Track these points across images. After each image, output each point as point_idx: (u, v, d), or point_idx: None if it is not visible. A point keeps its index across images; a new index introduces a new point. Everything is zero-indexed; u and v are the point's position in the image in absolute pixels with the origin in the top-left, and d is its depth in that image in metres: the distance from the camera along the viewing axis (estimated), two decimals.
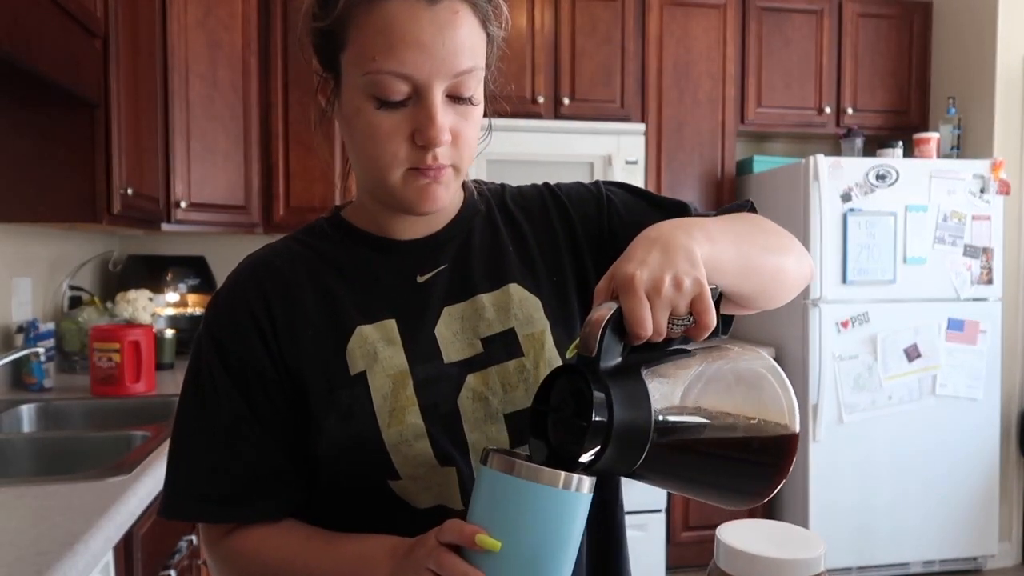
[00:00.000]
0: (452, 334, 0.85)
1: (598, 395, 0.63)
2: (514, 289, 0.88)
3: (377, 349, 0.83)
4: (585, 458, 0.64)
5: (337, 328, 0.84)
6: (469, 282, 0.88)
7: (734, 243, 0.77)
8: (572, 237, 0.92)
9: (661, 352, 0.70)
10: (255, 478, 0.83)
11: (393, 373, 0.82)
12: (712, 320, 0.68)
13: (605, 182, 0.98)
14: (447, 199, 0.83)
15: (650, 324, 0.65)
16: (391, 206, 0.85)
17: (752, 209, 0.93)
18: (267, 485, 0.84)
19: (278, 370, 0.84)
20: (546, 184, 0.98)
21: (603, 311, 0.66)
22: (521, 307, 0.87)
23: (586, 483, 0.65)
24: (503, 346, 0.85)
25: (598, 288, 0.70)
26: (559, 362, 0.85)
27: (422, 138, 0.77)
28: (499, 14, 0.82)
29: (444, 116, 0.77)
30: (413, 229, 0.89)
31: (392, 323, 0.84)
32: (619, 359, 0.67)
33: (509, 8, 0.85)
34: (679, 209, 0.93)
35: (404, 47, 0.74)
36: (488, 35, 0.81)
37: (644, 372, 0.67)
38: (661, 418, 0.66)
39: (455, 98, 0.78)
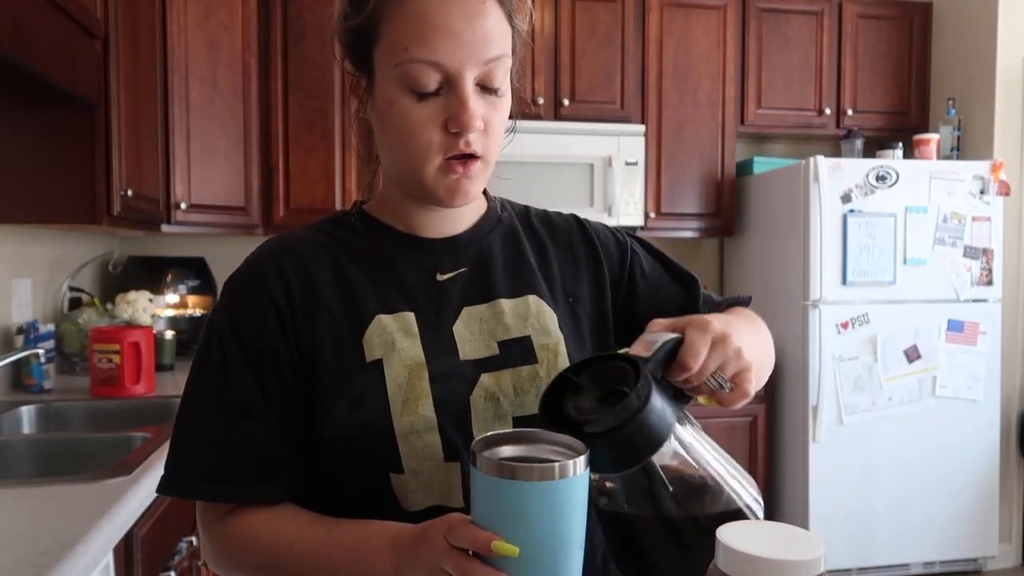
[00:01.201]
0: (470, 333, 0.87)
1: (644, 381, 0.66)
2: (533, 300, 0.90)
3: (395, 339, 0.84)
4: (596, 429, 0.65)
5: (355, 315, 0.85)
6: (490, 287, 0.90)
7: (755, 346, 0.86)
8: (596, 267, 0.97)
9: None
10: (258, 460, 0.83)
11: (409, 364, 0.83)
12: (750, 392, 0.75)
13: (628, 233, 1.04)
14: (476, 193, 0.85)
15: (702, 360, 0.70)
16: (420, 199, 0.87)
17: (748, 303, 1.04)
18: (269, 469, 0.83)
19: (292, 353, 0.84)
20: (573, 215, 1.02)
21: (667, 334, 0.71)
22: (538, 318, 0.89)
23: (581, 462, 0.64)
24: (519, 351, 0.87)
25: (655, 320, 0.75)
26: None
27: (455, 124, 0.79)
28: (523, 8, 0.85)
29: (475, 103, 0.79)
30: (435, 228, 0.91)
31: (411, 315, 0.86)
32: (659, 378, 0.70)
33: None
34: (690, 280, 1.01)
35: (435, 35, 0.77)
36: (513, 28, 0.83)
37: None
38: (676, 445, 0.68)
39: (484, 88, 0.81)
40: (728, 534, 0.59)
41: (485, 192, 0.99)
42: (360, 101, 0.87)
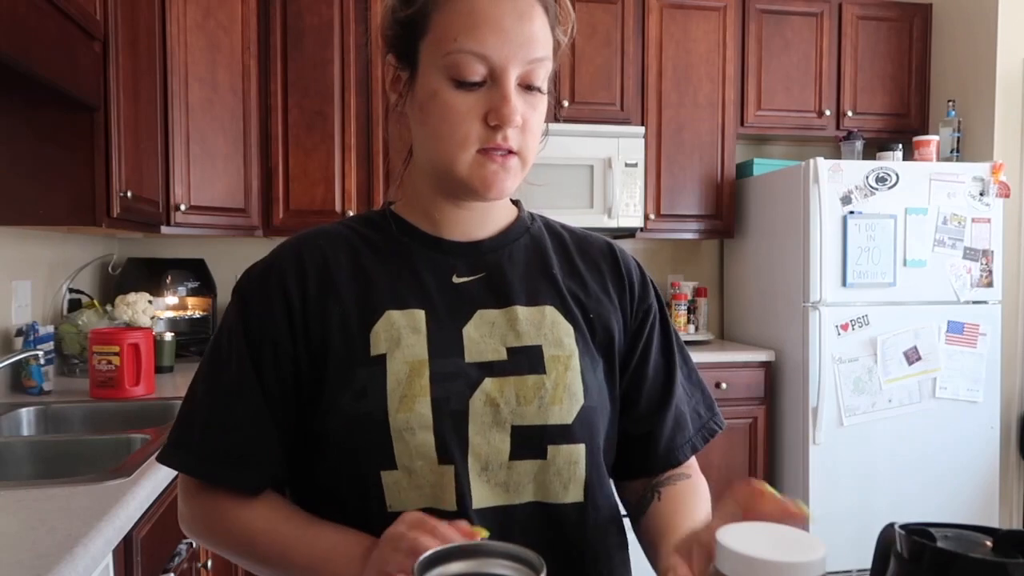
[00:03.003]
0: (480, 336, 0.87)
1: None
2: (549, 311, 0.90)
3: (401, 335, 0.84)
4: None
5: (367, 309, 0.86)
6: (507, 293, 0.90)
7: None
8: (620, 293, 0.96)
9: None
10: (241, 443, 0.85)
11: (412, 360, 0.83)
12: None
13: (655, 287, 1.02)
14: (511, 188, 0.86)
15: None
16: (453, 194, 0.88)
17: (716, 432, 1.01)
18: (251, 454, 0.86)
19: (296, 345, 0.86)
20: (608, 241, 1.02)
21: None
22: (552, 329, 0.89)
23: None
24: (527, 360, 0.86)
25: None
26: (579, 386, 0.87)
27: (496, 117, 0.81)
28: (566, 21, 0.88)
29: (516, 99, 0.81)
30: (461, 230, 0.92)
31: (421, 313, 0.86)
32: None
33: None
34: (673, 357, 0.99)
35: (486, 29, 0.80)
36: (555, 39, 0.87)
37: None
38: None
39: (525, 87, 0.83)
40: (728, 536, 0.58)
41: (518, 204, 1.00)
42: (399, 95, 0.89)
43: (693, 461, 0.99)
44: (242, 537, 0.85)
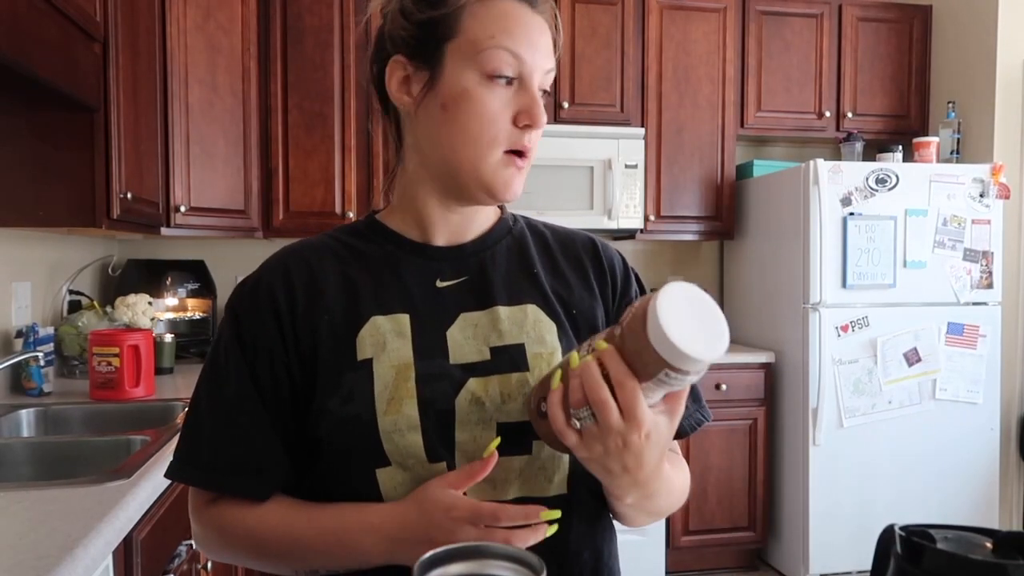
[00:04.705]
0: (464, 338, 0.88)
1: None
2: (531, 310, 0.92)
3: (387, 339, 0.86)
4: None
5: (353, 315, 0.88)
6: (489, 295, 0.92)
7: (663, 498, 0.86)
8: (602, 288, 0.98)
9: None
10: (247, 452, 0.87)
11: (397, 364, 0.85)
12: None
13: (639, 280, 1.04)
14: (521, 189, 0.89)
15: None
16: (461, 194, 0.90)
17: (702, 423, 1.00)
18: (256, 462, 0.88)
19: (289, 353, 0.87)
20: (591, 236, 1.04)
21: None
22: (535, 327, 0.90)
23: None
24: (510, 358, 0.88)
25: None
26: None
27: (528, 117, 0.85)
28: (558, 43, 0.92)
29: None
30: (447, 235, 0.94)
31: (405, 318, 0.88)
32: None
33: None
34: None
35: (519, 34, 0.85)
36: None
37: None
38: None
39: (541, 92, 0.87)
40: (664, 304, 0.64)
41: (501, 206, 1.01)
42: (412, 99, 0.88)
43: (675, 445, 0.98)
44: (255, 536, 0.86)
